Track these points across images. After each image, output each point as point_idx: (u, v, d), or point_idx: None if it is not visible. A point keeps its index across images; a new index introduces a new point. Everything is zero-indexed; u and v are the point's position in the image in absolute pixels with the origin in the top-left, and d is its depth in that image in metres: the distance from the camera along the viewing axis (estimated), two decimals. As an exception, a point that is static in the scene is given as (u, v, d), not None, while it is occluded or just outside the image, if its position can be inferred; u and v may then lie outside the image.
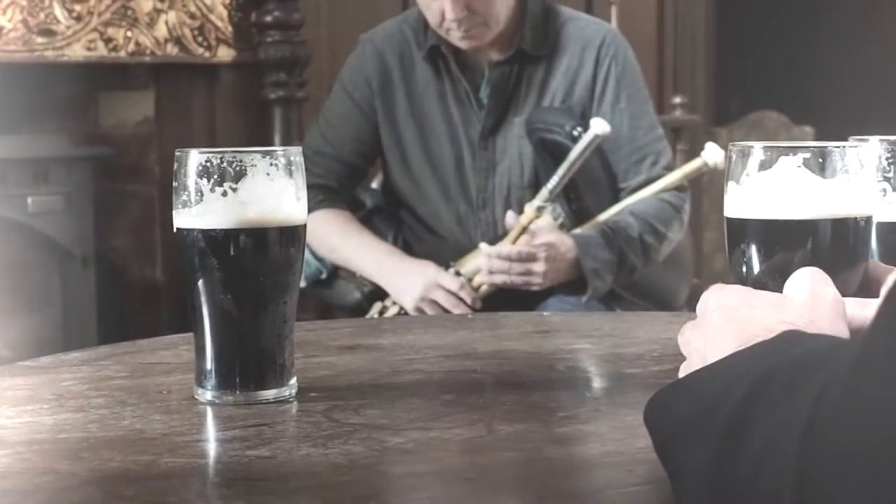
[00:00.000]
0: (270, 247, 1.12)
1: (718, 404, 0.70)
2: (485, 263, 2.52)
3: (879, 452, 0.54)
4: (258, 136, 3.70)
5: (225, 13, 3.71)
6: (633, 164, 2.67)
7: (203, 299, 1.12)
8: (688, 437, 0.73)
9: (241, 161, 1.11)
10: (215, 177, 1.11)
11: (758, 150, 1.02)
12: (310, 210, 2.66)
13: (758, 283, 0.98)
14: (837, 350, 0.63)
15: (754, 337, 0.80)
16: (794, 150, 1.01)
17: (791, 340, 0.75)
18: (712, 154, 2.72)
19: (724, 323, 0.88)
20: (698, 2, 5.37)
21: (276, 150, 1.12)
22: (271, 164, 1.11)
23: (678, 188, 2.67)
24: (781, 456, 0.60)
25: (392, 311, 2.65)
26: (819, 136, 5.01)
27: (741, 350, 0.79)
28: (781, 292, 0.91)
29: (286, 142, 3.69)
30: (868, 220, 1.01)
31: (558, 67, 2.67)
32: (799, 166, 1.01)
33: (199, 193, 1.11)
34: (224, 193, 1.11)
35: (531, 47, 2.64)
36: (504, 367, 1.27)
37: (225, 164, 1.11)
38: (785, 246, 0.99)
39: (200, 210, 1.11)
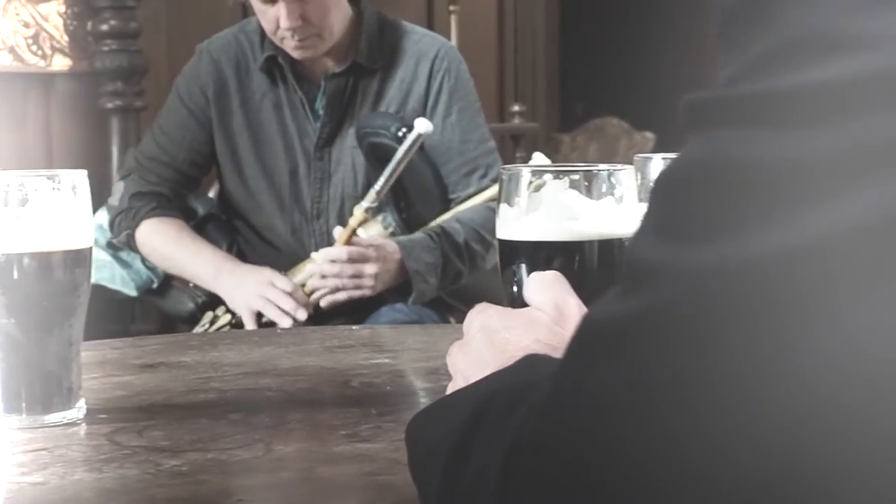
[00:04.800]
0: (54, 271, 1.12)
1: (453, 428, 0.72)
2: (316, 268, 2.52)
3: (567, 486, 0.57)
4: (95, 145, 3.67)
5: (60, 22, 3.67)
6: (463, 175, 2.70)
7: (-13, 323, 1.11)
8: (431, 459, 0.75)
9: (23, 185, 1.11)
10: (-1, 201, 1.11)
11: (527, 172, 1.05)
12: (142, 218, 2.69)
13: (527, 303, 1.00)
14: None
15: (513, 358, 0.82)
16: (562, 173, 1.05)
17: (530, 363, 0.78)
18: (540, 163, 2.77)
19: (486, 345, 0.91)
20: (538, 9, 5.44)
21: (59, 174, 1.12)
22: (54, 188, 1.12)
23: (506, 199, 2.70)
24: (488, 483, 0.63)
25: (223, 320, 2.65)
26: (660, 142, 5.11)
27: (493, 373, 0.82)
28: None
29: (124, 151, 3.66)
30: (633, 239, 1.05)
31: (393, 80, 2.69)
32: (567, 188, 1.04)
33: (-18, 217, 1.11)
34: (8, 217, 1.11)
35: (366, 60, 2.66)
36: (299, 383, 1.29)
37: (8, 187, 1.11)
38: (553, 266, 1.03)
39: (-17, 234, 1.11)
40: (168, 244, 2.70)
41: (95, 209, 2.97)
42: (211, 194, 2.94)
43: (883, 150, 0.48)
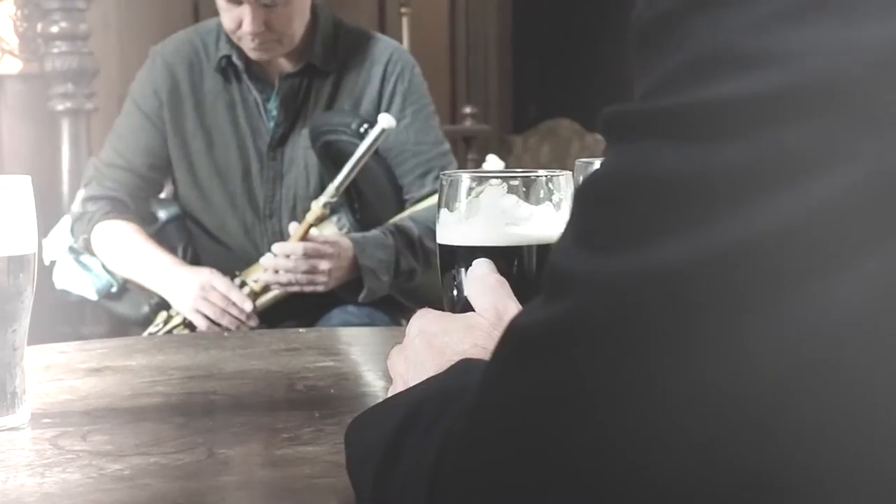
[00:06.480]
0: (-3, 276, 1.12)
1: (387, 431, 0.74)
2: (271, 262, 2.53)
3: (493, 487, 0.59)
4: (46, 148, 3.66)
5: (10, 24, 3.65)
6: (418, 177, 2.72)
7: (-70, 329, 1.12)
8: (366, 461, 0.77)
9: (-34, 191, 1.11)
10: (-59, 207, 1.11)
11: (466, 178, 1.07)
12: (96, 222, 2.69)
13: (467, 307, 1.02)
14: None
15: (451, 362, 0.84)
16: (501, 178, 1.06)
17: (463, 368, 0.79)
18: (493, 165, 2.79)
19: (425, 349, 0.93)
20: (490, 11, 5.46)
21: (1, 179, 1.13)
22: (-3, 194, 1.12)
23: (462, 199, 2.71)
24: (419, 484, 0.64)
25: (176, 320, 2.66)
26: (612, 143, 5.12)
27: (429, 378, 0.83)
28: None
29: (75, 153, 3.65)
30: (571, 244, 1.06)
31: (346, 82, 2.71)
32: (506, 194, 1.06)
33: (-75, 223, 1.11)
34: (-50, 223, 1.11)
35: (320, 62, 2.68)
36: (244, 387, 1.30)
37: (-49, 193, 1.11)
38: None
39: (-74, 240, 1.11)
40: (119, 247, 2.71)
41: (47, 212, 2.96)
42: (163, 195, 2.94)
43: (788, 163, 0.50)
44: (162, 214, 2.83)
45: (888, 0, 0.49)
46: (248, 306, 2.54)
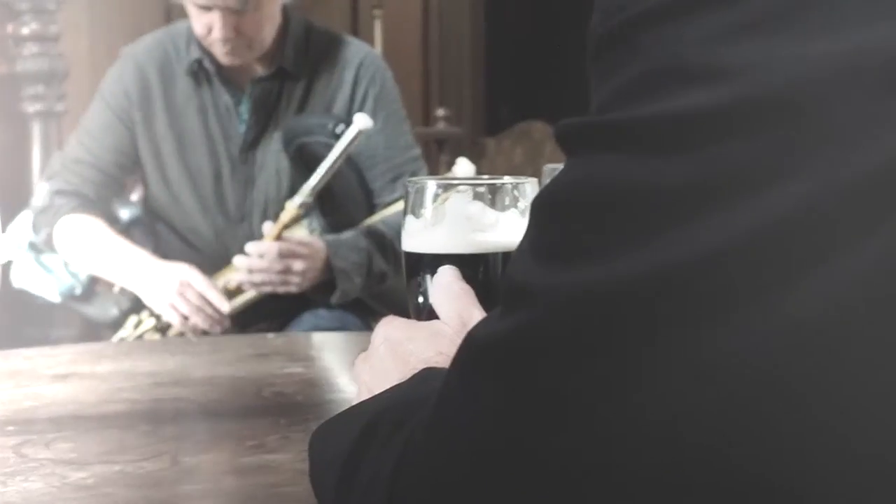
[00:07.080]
0: (-39, 283, 1.12)
1: (348, 441, 0.74)
2: (245, 262, 2.52)
3: (449, 499, 0.58)
4: (17, 149, 3.64)
5: (-20, 25, 3.64)
6: (389, 182, 2.72)
7: None
8: (327, 470, 0.77)
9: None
10: None
11: (432, 184, 1.06)
12: (62, 215, 2.67)
13: (432, 315, 1.02)
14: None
15: (415, 370, 0.84)
16: (467, 185, 1.06)
17: (424, 378, 0.79)
18: (464, 169, 2.79)
19: (389, 356, 0.92)
20: (463, 13, 5.45)
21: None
22: (-40, 201, 1.12)
23: (433, 204, 2.71)
24: (377, 498, 0.64)
25: (147, 324, 2.64)
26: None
27: (391, 387, 0.83)
28: None
29: (46, 155, 3.63)
30: (537, 251, 1.06)
31: (318, 86, 2.71)
32: (472, 200, 1.06)
33: None
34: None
35: (292, 65, 2.68)
36: (211, 394, 1.29)
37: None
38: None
39: None
40: (87, 241, 2.68)
41: (17, 213, 2.95)
42: (134, 198, 2.92)
43: (740, 177, 0.50)
44: (124, 215, 2.81)
45: (835, 16, 0.49)
46: (224, 307, 2.53)
